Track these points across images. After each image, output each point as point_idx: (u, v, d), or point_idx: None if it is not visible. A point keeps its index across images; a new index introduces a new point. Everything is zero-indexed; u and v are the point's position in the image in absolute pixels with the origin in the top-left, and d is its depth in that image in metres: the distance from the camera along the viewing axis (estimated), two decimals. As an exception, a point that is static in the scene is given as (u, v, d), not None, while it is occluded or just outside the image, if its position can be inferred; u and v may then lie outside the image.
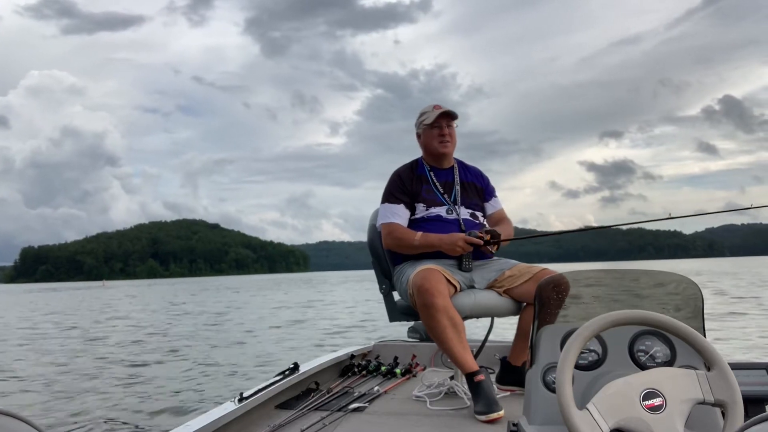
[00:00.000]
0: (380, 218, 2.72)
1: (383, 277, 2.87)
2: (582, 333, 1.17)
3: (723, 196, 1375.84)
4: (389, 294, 2.85)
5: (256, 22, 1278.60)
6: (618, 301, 1.50)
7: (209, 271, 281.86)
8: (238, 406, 2.13)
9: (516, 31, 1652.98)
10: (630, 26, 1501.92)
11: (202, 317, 16.47)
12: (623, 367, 1.33)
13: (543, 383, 1.36)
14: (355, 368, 3.12)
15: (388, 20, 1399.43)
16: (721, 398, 1.11)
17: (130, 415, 4.97)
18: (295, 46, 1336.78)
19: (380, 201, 2.76)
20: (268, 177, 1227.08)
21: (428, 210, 2.65)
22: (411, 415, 2.34)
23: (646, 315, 1.19)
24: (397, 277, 2.70)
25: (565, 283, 1.48)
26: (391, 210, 2.67)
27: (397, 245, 2.64)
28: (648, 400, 1.10)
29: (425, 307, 2.33)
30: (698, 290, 1.42)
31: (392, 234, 2.63)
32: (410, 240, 2.58)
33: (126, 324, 14.95)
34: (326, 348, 8.36)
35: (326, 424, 2.18)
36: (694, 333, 1.18)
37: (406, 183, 2.70)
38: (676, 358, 1.35)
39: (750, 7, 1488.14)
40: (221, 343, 10.04)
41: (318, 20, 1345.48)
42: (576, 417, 1.07)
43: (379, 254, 2.86)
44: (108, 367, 7.65)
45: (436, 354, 3.32)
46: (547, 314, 1.45)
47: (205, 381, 6.51)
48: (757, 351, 7.12)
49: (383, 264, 2.86)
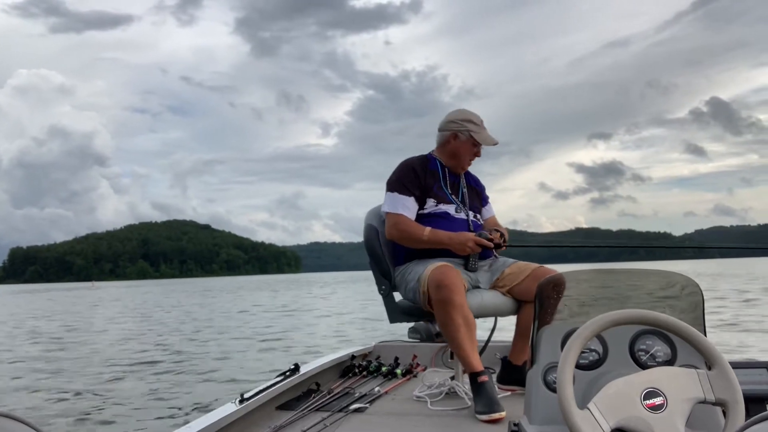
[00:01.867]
0: (386, 206, 2.63)
1: (383, 277, 2.80)
2: (582, 333, 1.17)
3: (712, 198, 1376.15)
4: (389, 295, 2.79)
5: (246, 22, 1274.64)
6: (618, 300, 1.50)
7: (200, 272, 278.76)
8: (238, 407, 2.13)
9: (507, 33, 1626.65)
10: (620, 29, 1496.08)
11: (203, 319, 16.47)
12: (624, 366, 1.33)
13: (544, 383, 1.36)
14: (355, 369, 3.12)
15: (378, 21, 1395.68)
16: (722, 397, 1.11)
17: (131, 415, 4.97)
18: (285, 46, 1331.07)
19: (386, 189, 2.67)
20: (259, 178, 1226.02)
21: (437, 206, 2.61)
22: (412, 416, 2.34)
23: (646, 314, 1.19)
24: (401, 276, 2.65)
25: (564, 282, 1.48)
26: (401, 201, 2.59)
27: (403, 237, 2.58)
28: (649, 399, 1.10)
29: (443, 303, 2.30)
30: (698, 289, 1.42)
31: (398, 225, 2.57)
32: (419, 234, 2.52)
33: (124, 324, 14.96)
34: (326, 348, 8.37)
35: (327, 424, 2.18)
36: (694, 332, 1.18)
37: (419, 176, 2.63)
38: (677, 357, 1.35)
39: (739, 11, 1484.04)
40: (221, 345, 10.04)
41: (308, 20, 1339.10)
42: (577, 417, 1.07)
43: (378, 255, 2.80)
44: (109, 367, 7.65)
45: (436, 354, 3.32)
46: (548, 314, 1.45)
47: (205, 382, 6.52)
48: (757, 350, 7.13)
49: (383, 265, 2.80)
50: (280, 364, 6.82)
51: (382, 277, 2.81)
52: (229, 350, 9.21)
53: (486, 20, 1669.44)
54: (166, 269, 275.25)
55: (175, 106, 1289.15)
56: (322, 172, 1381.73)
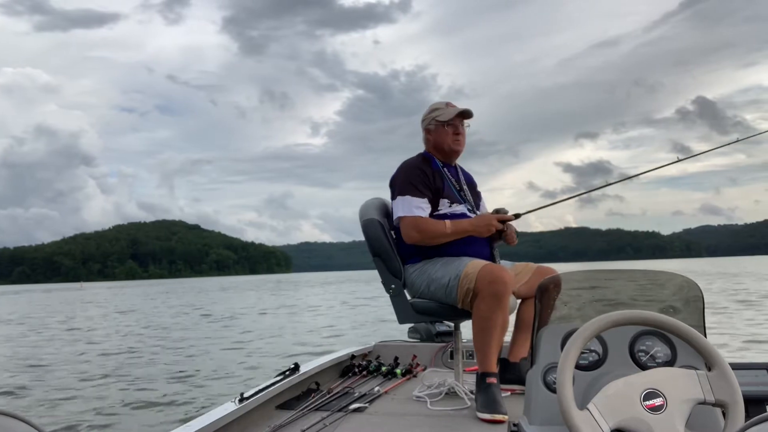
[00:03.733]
0: (400, 211, 2.56)
1: (392, 276, 2.65)
2: (582, 333, 1.17)
3: (699, 197, 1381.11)
4: (399, 294, 2.64)
5: (234, 20, 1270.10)
6: (618, 301, 1.50)
7: (189, 273, 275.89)
8: (238, 407, 2.13)
9: (496, 33, 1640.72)
10: (609, 29, 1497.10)
11: (202, 318, 16.48)
12: (624, 367, 1.33)
13: (544, 383, 1.36)
14: (355, 368, 3.12)
15: (367, 20, 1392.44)
16: (721, 398, 1.11)
17: (131, 416, 4.97)
18: (273, 45, 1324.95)
19: (395, 193, 2.61)
20: (247, 177, 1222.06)
21: (452, 207, 2.59)
22: (411, 416, 2.34)
23: (646, 315, 1.19)
24: (420, 274, 2.56)
25: (565, 282, 1.48)
26: (415, 203, 2.54)
27: (426, 238, 2.52)
28: (649, 400, 1.10)
29: (494, 298, 2.28)
30: (699, 290, 1.42)
31: (419, 227, 2.51)
32: (441, 230, 2.49)
33: (122, 323, 14.97)
34: (325, 347, 8.37)
35: (327, 424, 2.18)
36: (694, 333, 1.18)
37: (428, 177, 2.60)
38: (677, 358, 1.35)
39: (726, 11, 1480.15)
40: (221, 344, 10.04)
41: (296, 19, 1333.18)
42: (577, 417, 1.07)
43: (388, 252, 2.65)
44: (109, 367, 7.65)
45: (436, 354, 3.32)
46: (548, 314, 1.45)
47: (205, 381, 6.52)
48: (757, 351, 7.12)
49: (393, 263, 2.65)
50: (280, 363, 6.83)
51: (391, 276, 2.65)
52: (229, 350, 9.21)
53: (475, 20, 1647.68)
54: (155, 269, 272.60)
55: (163, 105, 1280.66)
56: (311, 171, 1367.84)
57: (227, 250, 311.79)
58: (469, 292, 2.37)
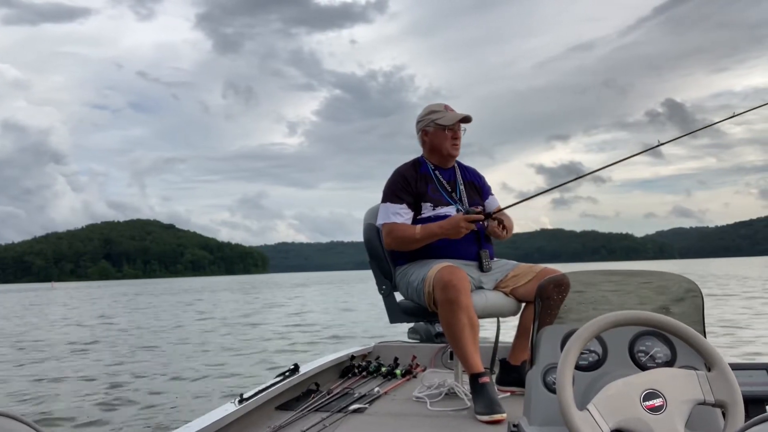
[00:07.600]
0: (380, 218, 2.68)
1: (383, 277, 2.82)
2: (582, 334, 1.17)
3: (671, 199, 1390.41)
4: (390, 295, 2.80)
5: (208, 17, 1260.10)
6: (618, 301, 1.50)
7: (164, 273, 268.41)
8: (238, 407, 2.13)
9: (473, 35, 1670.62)
10: (584, 33, 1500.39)
11: (203, 318, 16.47)
12: (624, 367, 1.33)
13: (543, 384, 1.36)
14: (355, 369, 3.12)
15: (343, 20, 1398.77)
16: (721, 399, 1.11)
17: (131, 415, 4.96)
18: (248, 43, 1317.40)
19: (381, 200, 2.72)
20: (222, 176, 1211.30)
21: (435, 210, 2.62)
22: (411, 416, 2.34)
23: (646, 315, 1.19)
24: (403, 276, 2.66)
25: (566, 282, 1.48)
26: (393, 209, 2.62)
27: (399, 244, 2.61)
28: (648, 400, 1.10)
29: (448, 303, 2.30)
30: (698, 291, 1.42)
31: (392, 233, 2.60)
32: (411, 235, 2.55)
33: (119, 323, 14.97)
34: (324, 348, 8.36)
35: (326, 425, 2.18)
36: (694, 333, 1.18)
37: (410, 182, 2.66)
38: (677, 358, 1.35)
39: (699, 17, 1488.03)
40: (221, 344, 10.04)
41: (271, 17, 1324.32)
42: (576, 418, 1.07)
43: (379, 255, 2.82)
44: (108, 367, 7.65)
45: (436, 355, 3.32)
46: (548, 314, 1.45)
47: (205, 381, 6.51)
48: (756, 351, 7.12)
49: (384, 265, 2.82)
50: (280, 364, 6.82)
51: (382, 277, 2.82)
52: (228, 350, 9.21)
53: (452, 21, 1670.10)
54: (129, 269, 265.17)
55: (136, 102, 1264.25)
56: (286, 171, 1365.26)
57: (203, 250, 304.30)
58: (430, 296, 2.41)
